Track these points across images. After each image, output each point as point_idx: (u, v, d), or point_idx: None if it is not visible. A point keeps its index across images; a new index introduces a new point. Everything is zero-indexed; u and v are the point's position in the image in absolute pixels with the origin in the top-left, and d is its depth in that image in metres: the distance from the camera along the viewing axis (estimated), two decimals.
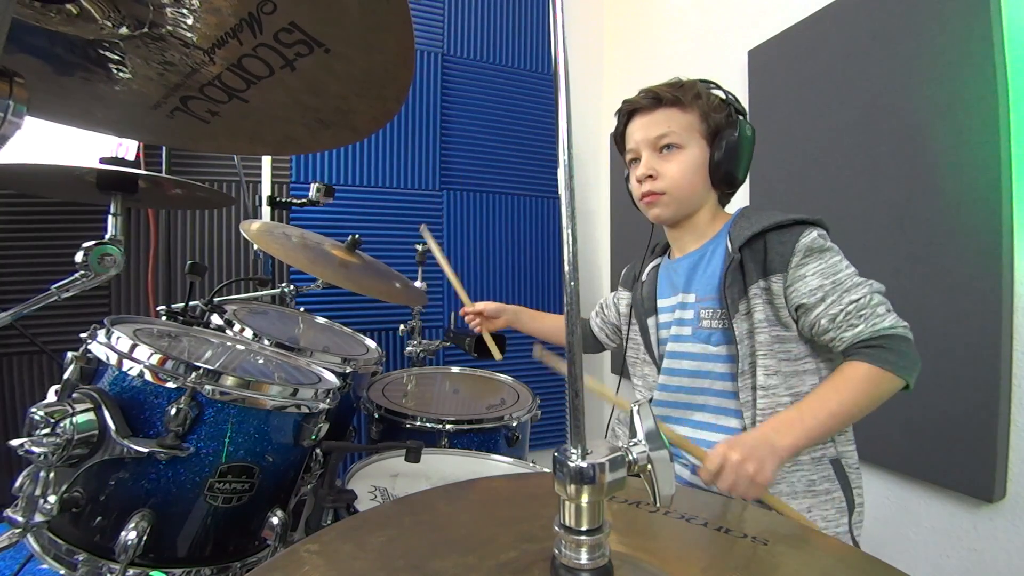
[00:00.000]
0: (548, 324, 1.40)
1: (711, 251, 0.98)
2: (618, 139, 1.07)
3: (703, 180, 0.96)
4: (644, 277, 1.11)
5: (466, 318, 1.42)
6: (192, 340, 0.98)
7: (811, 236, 0.86)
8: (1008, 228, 1.11)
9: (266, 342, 1.07)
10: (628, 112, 1.01)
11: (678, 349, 1.00)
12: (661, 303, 1.05)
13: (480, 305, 1.40)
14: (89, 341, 0.74)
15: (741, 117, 0.95)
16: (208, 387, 0.70)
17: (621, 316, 1.18)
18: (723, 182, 0.97)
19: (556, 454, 0.35)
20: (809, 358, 0.89)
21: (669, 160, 0.96)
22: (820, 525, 0.85)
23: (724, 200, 1.04)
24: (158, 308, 1.28)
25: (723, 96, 0.97)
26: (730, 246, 0.91)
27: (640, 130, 0.98)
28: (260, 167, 1.96)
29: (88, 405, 0.67)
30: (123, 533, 0.65)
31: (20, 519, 0.65)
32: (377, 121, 0.63)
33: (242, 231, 1.27)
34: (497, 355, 1.39)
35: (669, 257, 1.08)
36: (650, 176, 0.96)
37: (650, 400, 1.03)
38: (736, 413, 0.91)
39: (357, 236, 1.43)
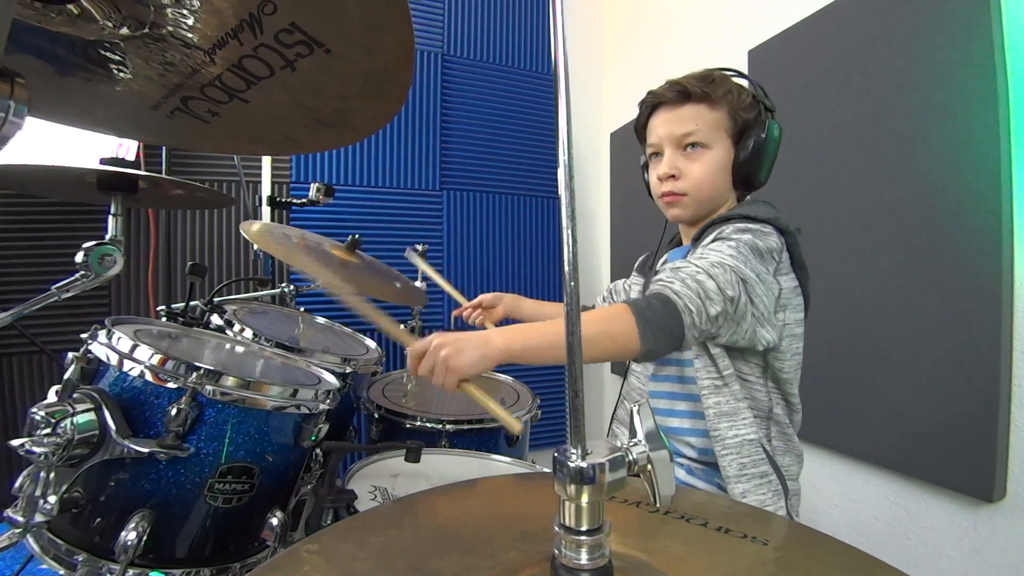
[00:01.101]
0: (548, 311, 1.37)
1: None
2: (639, 130, 1.01)
3: (725, 181, 0.93)
4: (659, 267, 1.10)
5: (464, 313, 1.39)
6: (192, 341, 0.98)
7: (734, 226, 0.83)
8: (1008, 228, 1.10)
9: (266, 342, 1.07)
10: (652, 104, 0.96)
11: None
12: None
13: (475, 300, 1.38)
14: (90, 341, 0.74)
15: (770, 115, 0.91)
16: (208, 387, 0.70)
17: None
18: (743, 183, 0.93)
19: (556, 454, 0.35)
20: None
21: (693, 160, 0.91)
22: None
23: (743, 196, 1.00)
24: (158, 308, 1.28)
25: (753, 92, 0.92)
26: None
27: (664, 125, 0.93)
28: (260, 167, 1.96)
29: (88, 405, 0.67)
30: (123, 533, 0.66)
31: (20, 519, 0.65)
32: (377, 121, 0.63)
33: (242, 232, 1.27)
34: None
35: (681, 246, 1.08)
36: (672, 176, 0.93)
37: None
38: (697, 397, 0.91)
39: (357, 236, 1.43)
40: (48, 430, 0.63)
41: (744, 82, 0.94)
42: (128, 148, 1.68)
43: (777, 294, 0.85)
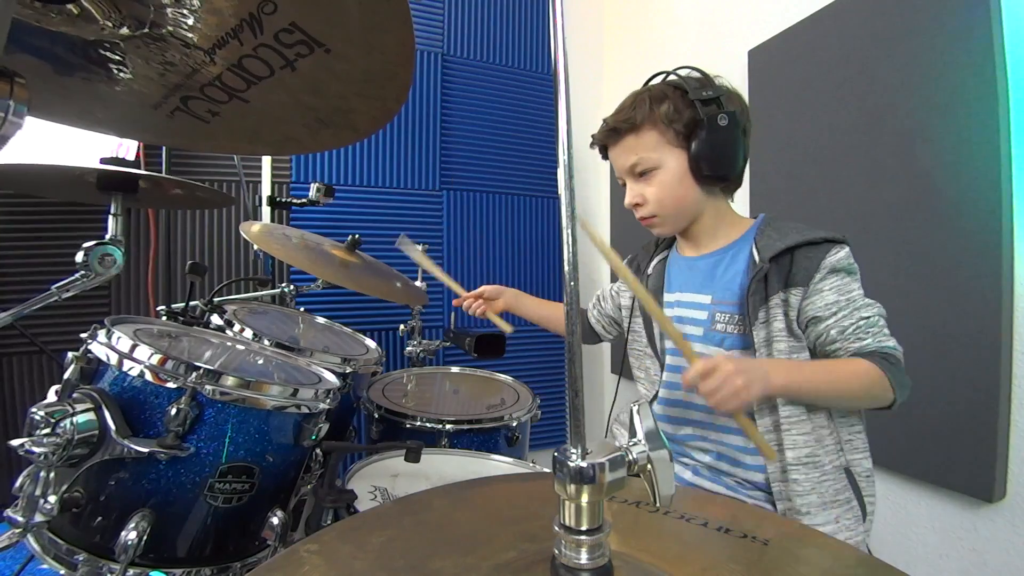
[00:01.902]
0: (548, 310, 1.37)
1: (732, 255, 0.96)
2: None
3: (689, 187, 0.94)
4: (651, 270, 1.10)
5: (465, 303, 1.38)
6: (192, 340, 0.98)
7: (838, 256, 0.87)
8: (1008, 228, 1.11)
9: (266, 342, 1.07)
10: (601, 146, 1.02)
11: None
12: (667, 297, 1.04)
13: (477, 291, 1.38)
14: (89, 341, 0.74)
15: (717, 103, 0.89)
16: (208, 387, 0.70)
17: (622, 308, 1.17)
18: (716, 180, 0.94)
19: (556, 454, 0.35)
20: None
21: (649, 183, 0.95)
22: (843, 536, 0.85)
23: (733, 186, 0.99)
24: (158, 308, 1.28)
25: (686, 91, 0.91)
26: (757, 256, 0.90)
27: (616, 161, 0.99)
28: (260, 167, 1.96)
29: (88, 405, 0.67)
30: (123, 533, 0.65)
31: (20, 519, 0.65)
32: (377, 121, 0.63)
33: (242, 232, 1.27)
34: (506, 327, 1.35)
35: (678, 251, 1.08)
36: (637, 204, 0.98)
37: (655, 395, 1.03)
38: (705, 408, 0.91)
39: (357, 236, 1.43)
40: (48, 430, 0.63)
41: (671, 78, 0.94)
42: (128, 148, 1.68)
43: None
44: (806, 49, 1.53)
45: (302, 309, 1.56)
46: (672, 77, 0.95)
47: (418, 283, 1.71)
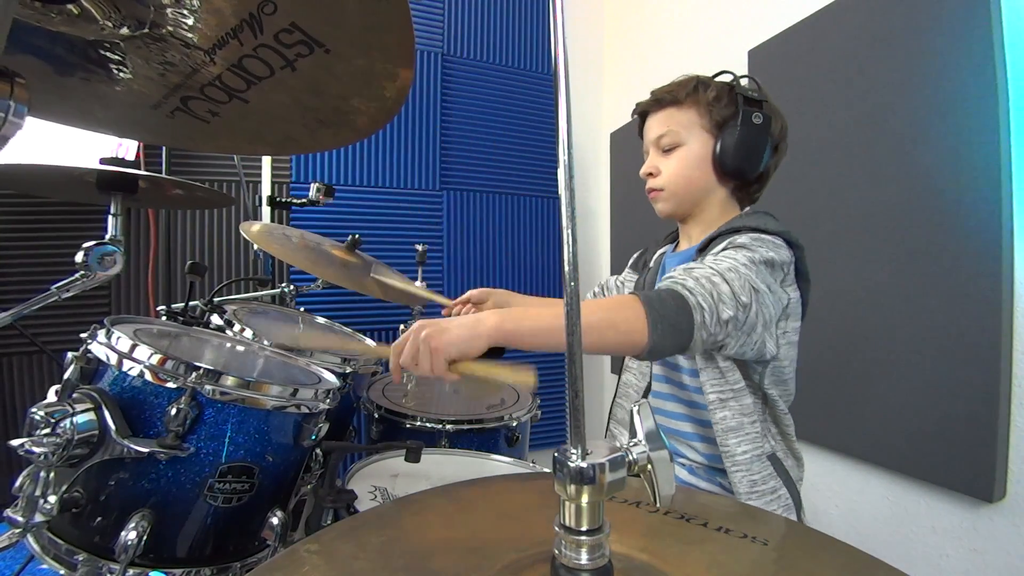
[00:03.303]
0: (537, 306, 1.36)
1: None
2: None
3: (704, 173, 0.95)
4: (652, 264, 1.10)
5: (454, 311, 1.34)
6: (192, 340, 0.98)
7: (747, 236, 0.84)
8: (1008, 228, 1.10)
9: (266, 342, 1.07)
10: (639, 114, 1.03)
11: None
12: None
13: (464, 296, 1.37)
14: (89, 341, 0.74)
15: (757, 107, 0.91)
16: (208, 387, 0.70)
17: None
18: (732, 175, 0.94)
19: (556, 454, 0.35)
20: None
21: (669, 157, 0.96)
22: None
23: (744, 195, 0.99)
24: (158, 308, 1.28)
25: (733, 86, 0.94)
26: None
27: (647, 131, 1.01)
28: (260, 167, 1.96)
29: (88, 405, 0.67)
30: (123, 533, 0.65)
31: (20, 519, 0.64)
32: (377, 121, 0.63)
33: (242, 232, 1.27)
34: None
35: (676, 247, 1.08)
36: (651, 174, 0.99)
37: (648, 387, 1.03)
38: (703, 407, 0.90)
39: (357, 236, 1.43)
40: (48, 430, 0.63)
41: (728, 77, 0.96)
42: (128, 148, 1.68)
43: (785, 304, 0.86)
44: (806, 49, 1.53)
45: (302, 309, 1.56)
46: (727, 76, 0.96)
47: (417, 283, 1.71)
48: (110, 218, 0.88)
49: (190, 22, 0.51)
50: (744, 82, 0.95)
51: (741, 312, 0.76)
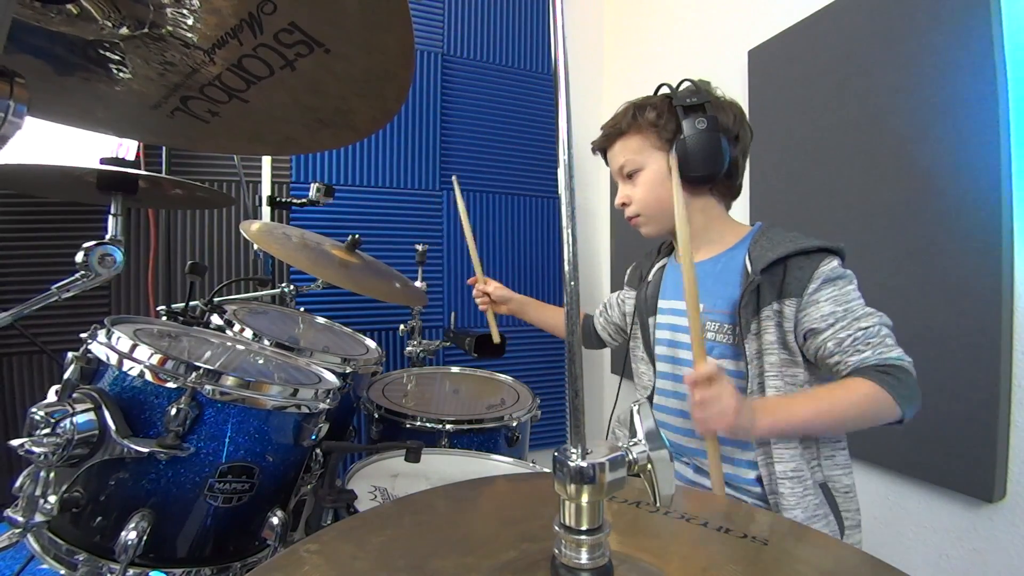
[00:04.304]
0: (552, 316, 1.40)
1: (724, 264, 0.97)
2: None
3: (671, 189, 0.95)
4: (650, 277, 1.11)
5: (474, 292, 1.44)
6: (192, 340, 0.98)
7: (831, 265, 0.87)
8: (1008, 228, 1.10)
9: (266, 342, 1.07)
10: (600, 151, 1.09)
11: (675, 355, 1.00)
12: (663, 304, 1.05)
13: (491, 285, 1.41)
14: (89, 341, 0.74)
15: (694, 112, 0.92)
16: (208, 387, 0.70)
17: (626, 315, 1.18)
18: (699, 181, 0.95)
19: (556, 454, 0.35)
20: (811, 384, 0.89)
21: (635, 184, 1.01)
22: None
23: (723, 191, 1.00)
24: (158, 308, 1.28)
25: (670, 97, 0.95)
26: (750, 266, 0.90)
27: (610, 163, 1.07)
28: (260, 167, 1.96)
29: (88, 405, 0.67)
30: (123, 533, 0.65)
31: (20, 519, 0.64)
32: (377, 121, 0.62)
33: (242, 231, 1.27)
34: (495, 334, 1.44)
35: (675, 258, 1.08)
36: (624, 204, 1.03)
37: (649, 398, 1.03)
38: None
39: (357, 236, 1.43)
40: (48, 430, 0.63)
41: (665, 90, 0.99)
42: (128, 148, 1.68)
43: None
44: (806, 49, 1.53)
45: (302, 309, 1.55)
46: (665, 89, 0.99)
47: (418, 283, 1.71)
48: (110, 218, 0.88)
49: (190, 22, 0.51)
50: (684, 88, 0.96)
51: None
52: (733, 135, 0.94)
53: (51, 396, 0.68)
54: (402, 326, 1.79)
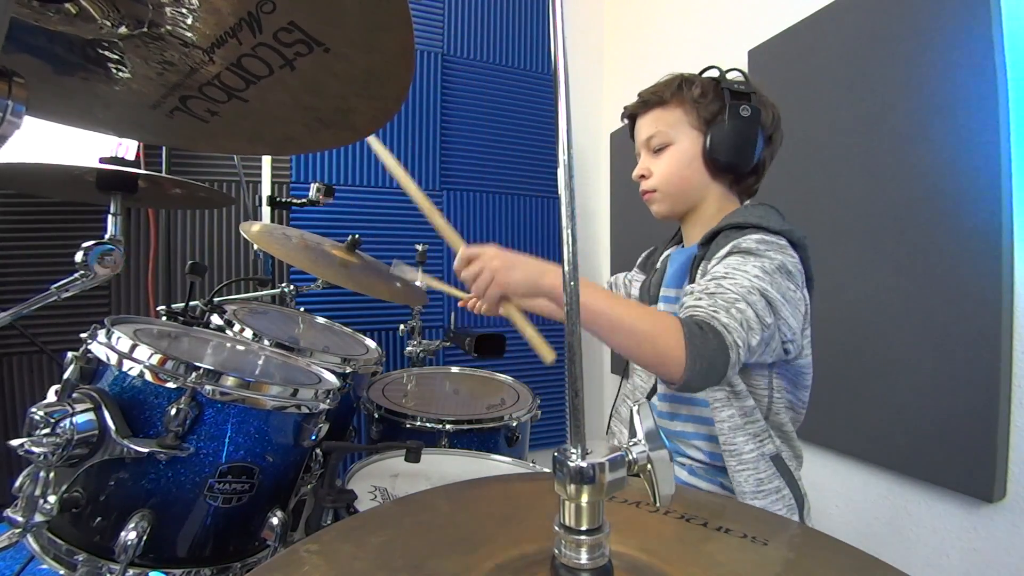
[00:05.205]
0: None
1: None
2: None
3: (696, 171, 0.94)
4: (659, 264, 1.10)
5: (469, 304, 1.36)
6: (192, 340, 0.98)
7: (752, 238, 0.82)
8: (1008, 228, 1.10)
9: (266, 342, 1.07)
10: (629, 118, 1.03)
11: None
12: (664, 292, 1.04)
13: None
14: (89, 341, 0.74)
15: (746, 99, 0.90)
16: (208, 387, 0.70)
17: (630, 297, 1.17)
18: (725, 170, 0.93)
19: (556, 454, 0.35)
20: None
21: (660, 158, 0.96)
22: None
23: (742, 189, 0.99)
24: (158, 308, 1.28)
25: (718, 80, 0.93)
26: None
27: (638, 132, 1.01)
28: (260, 167, 1.96)
29: (88, 405, 0.67)
30: (123, 533, 0.65)
31: (20, 519, 0.64)
32: (377, 121, 0.62)
33: (242, 232, 1.27)
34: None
35: (683, 246, 1.07)
36: (643, 176, 0.99)
37: (652, 389, 1.03)
38: (706, 404, 0.90)
39: (357, 236, 1.42)
40: (48, 430, 0.63)
41: (715, 73, 0.95)
42: (128, 147, 1.68)
43: (805, 308, 0.84)
44: (806, 49, 1.53)
45: (302, 309, 1.55)
46: (713, 72, 0.96)
47: (417, 283, 1.71)
48: (110, 218, 0.88)
49: (189, 21, 0.50)
50: (732, 75, 0.94)
51: (766, 333, 0.75)
52: (768, 134, 0.93)
53: (51, 396, 0.68)
54: (402, 326, 1.79)
